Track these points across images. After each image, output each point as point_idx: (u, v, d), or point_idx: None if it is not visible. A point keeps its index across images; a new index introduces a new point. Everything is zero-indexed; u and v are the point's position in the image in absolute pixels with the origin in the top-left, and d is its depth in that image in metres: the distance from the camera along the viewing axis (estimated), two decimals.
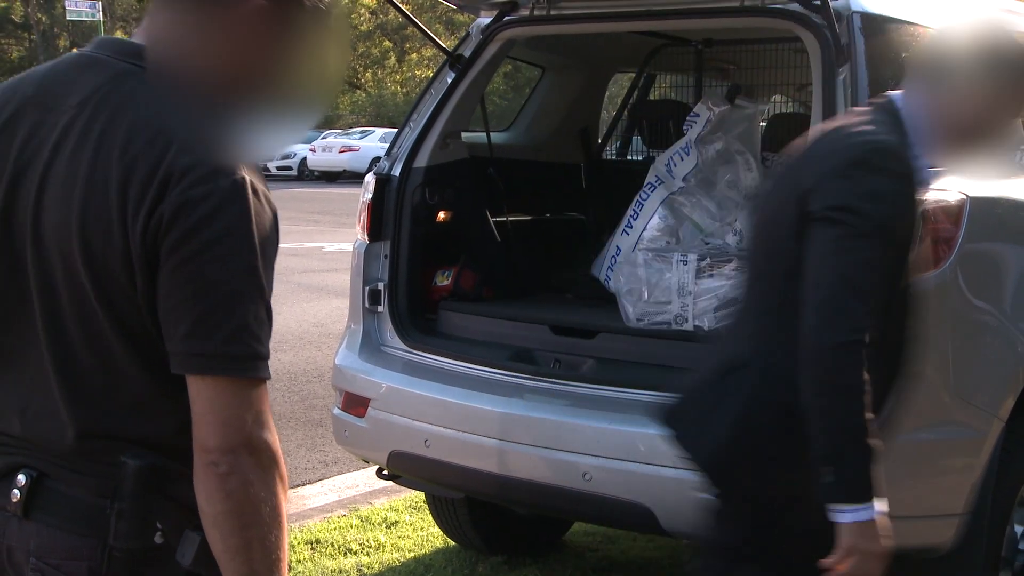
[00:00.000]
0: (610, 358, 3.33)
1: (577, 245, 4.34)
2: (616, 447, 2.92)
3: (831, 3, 2.83)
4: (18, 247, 1.43)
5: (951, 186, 2.87)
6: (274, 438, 1.41)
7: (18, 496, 1.43)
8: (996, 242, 3.06)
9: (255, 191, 1.38)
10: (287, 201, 23.89)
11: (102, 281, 1.38)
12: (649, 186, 3.84)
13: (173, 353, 1.37)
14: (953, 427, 2.89)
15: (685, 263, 3.18)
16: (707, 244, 3.55)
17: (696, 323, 3.17)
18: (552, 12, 3.46)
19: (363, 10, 44.73)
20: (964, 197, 2.86)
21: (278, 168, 32.21)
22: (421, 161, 3.63)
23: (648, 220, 3.59)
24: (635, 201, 3.66)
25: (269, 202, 1.42)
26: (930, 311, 2.80)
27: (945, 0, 3.37)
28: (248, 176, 1.38)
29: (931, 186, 2.27)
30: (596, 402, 3.06)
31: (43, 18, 60.33)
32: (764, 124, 4.38)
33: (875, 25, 2.99)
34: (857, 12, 2.96)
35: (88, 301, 1.40)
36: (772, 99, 5.00)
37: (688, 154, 3.68)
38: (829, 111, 2.85)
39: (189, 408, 1.37)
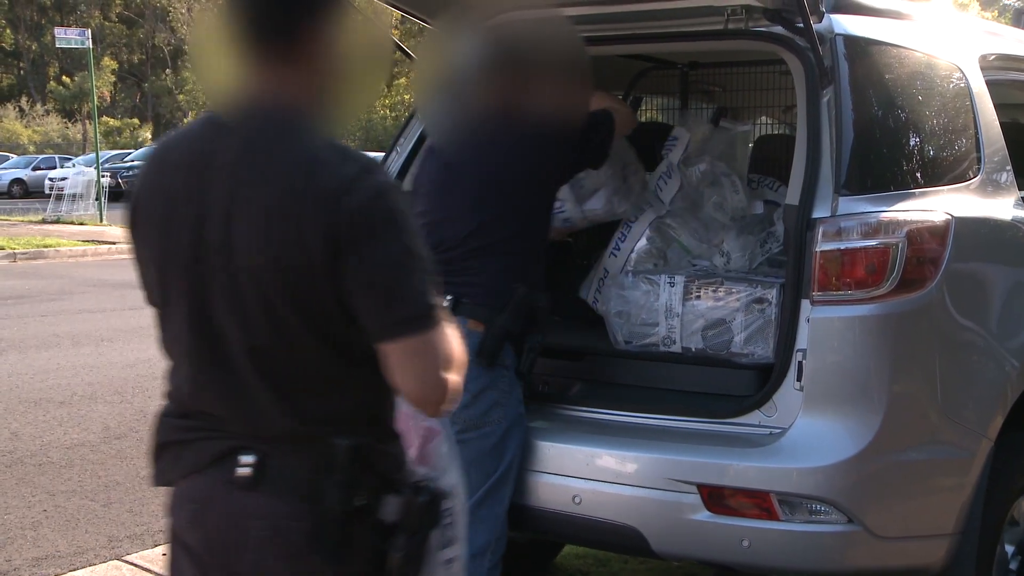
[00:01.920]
0: (598, 380, 3.33)
1: (565, 267, 4.34)
2: (606, 470, 2.91)
3: (814, 26, 2.85)
4: (207, 271, 1.76)
5: (937, 206, 2.89)
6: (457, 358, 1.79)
7: (247, 472, 1.77)
8: (982, 261, 3.08)
9: (390, 184, 1.79)
10: None
11: (293, 289, 1.71)
12: (637, 208, 3.85)
13: (372, 329, 1.72)
14: (942, 447, 2.89)
15: (672, 285, 3.18)
16: (694, 266, 3.56)
17: (684, 345, 3.17)
18: None
19: None
20: (949, 217, 2.87)
21: None
22: (408, 185, 3.64)
23: (636, 242, 3.59)
24: (623, 223, 3.67)
25: (398, 187, 1.84)
26: (917, 331, 2.82)
27: (928, 23, 3.40)
28: (381, 175, 1.76)
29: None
30: (585, 425, 3.06)
31: (33, 46, 60.33)
32: (751, 145, 4.40)
33: (858, 48, 3.01)
34: (840, 35, 2.98)
35: (280, 309, 1.73)
36: (758, 120, 5.02)
37: (671, 177, 3.69)
38: (814, 132, 2.87)
39: (374, 390, 1.79)
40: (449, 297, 2.89)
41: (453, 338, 1.77)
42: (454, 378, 1.76)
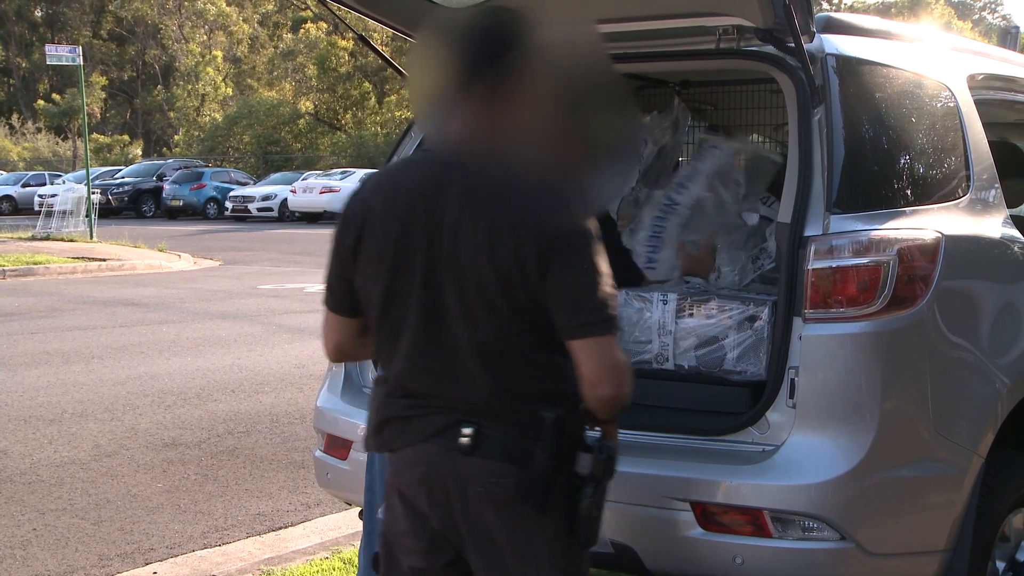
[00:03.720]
0: None
1: None
2: None
3: (805, 46, 2.87)
4: (440, 280, 2.18)
5: (927, 225, 2.91)
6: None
7: (467, 440, 2.19)
8: (971, 279, 3.10)
9: (586, 212, 2.19)
10: (268, 243, 23.86)
11: (513, 296, 2.13)
12: (629, 228, 3.87)
13: (562, 327, 2.14)
14: (933, 463, 2.90)
15: (665, 302, 3.20)
16: (687, 283, 3.57)
17: (677, 362, 3.18)
18: None
19: (342, 53, 44.98)
20: (939, 235, 2.89)
21: (258, 210, 32.19)
22: None
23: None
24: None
25: (591, 215, 2.20)
26: (908, 348, 2.83)
27: (916, 43, 3.43)
28: (578, 204, 2.19)
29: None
30: None
31: (23, 63, 60.31)
32: (743, 162, 4.42)
33: (849, 67, 3.04)
34: (831, 54, 3.00)
35: (503, 311, 2.15)
36: (750, 139, 5.05)
37: (694, 183, 3.72)
38: (805, 151, 2.89)
39: (566, 372, 2.16)
40: None
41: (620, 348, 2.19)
42: (626, 377, 2.16)
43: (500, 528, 2.22)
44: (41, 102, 55.61)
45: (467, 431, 2.20)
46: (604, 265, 2.16)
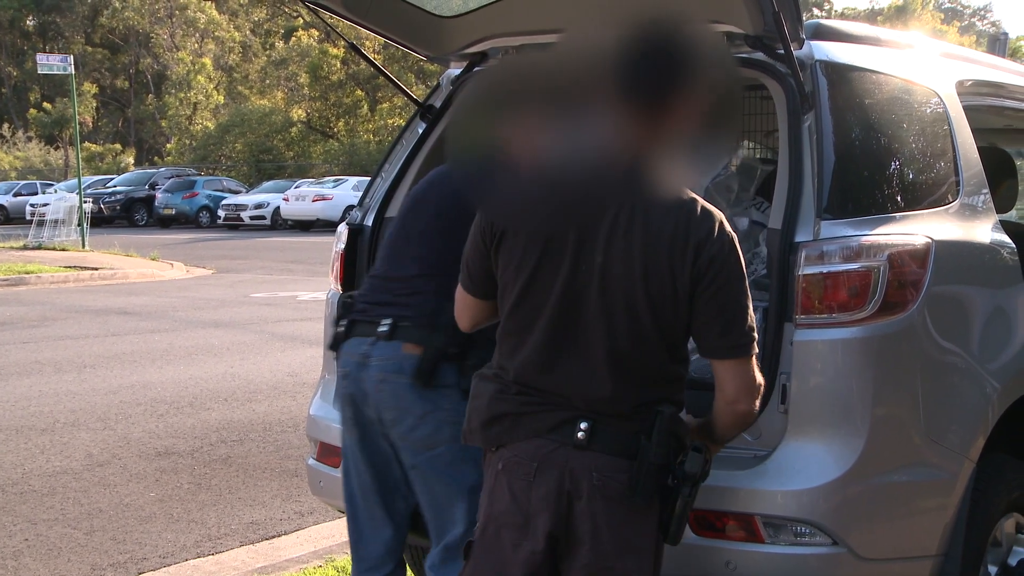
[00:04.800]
0: None
1: None
2: None
3: (795, 52, 2.88)
4: (582, 285, 2.32)
5: (917, 230, 2.92)
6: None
7: (583, 436, 2.32)
8: (962, 284, 3.11)
9: (735, 237, 2.33)
10: (261, 251, 23.84)
11: (658, 311, 2.29)
12: None
13: (709, 347, 2.34)
14: (925, 468, 2.91)
15: None
16: None
17: None
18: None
19: (334, 61, 44.98)
20: (929, 241, 2.90)
21: (251, 218, 32.16)
22: (393, 211, 3.65)
23: None
24: None
25: (737, 239, 2.34)
26: (899, 353, 2.84)
27: (905, 50, 3.44)
28: (729, 229, 2.32)
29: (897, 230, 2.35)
30: None
31: (15, 72, 60.21)
32: (735, 168, 4.43)
33: (838, 73, 3.05)
34: (820, 61, 3.01)
35: (644, 324, 2.29)
36: (742, 145, 5.06)
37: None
38: (795, 157, 2.90)
39: (680, 381, 2.39)
40: (387, 321, 2.94)
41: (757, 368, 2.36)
42: (761, 395, 2.37)
43: (608, 521, 2.33)
44: (33, 111, 55.51)
45: (584, 426, 2.33)
46: (747, 284, 2.31)
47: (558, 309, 2.33)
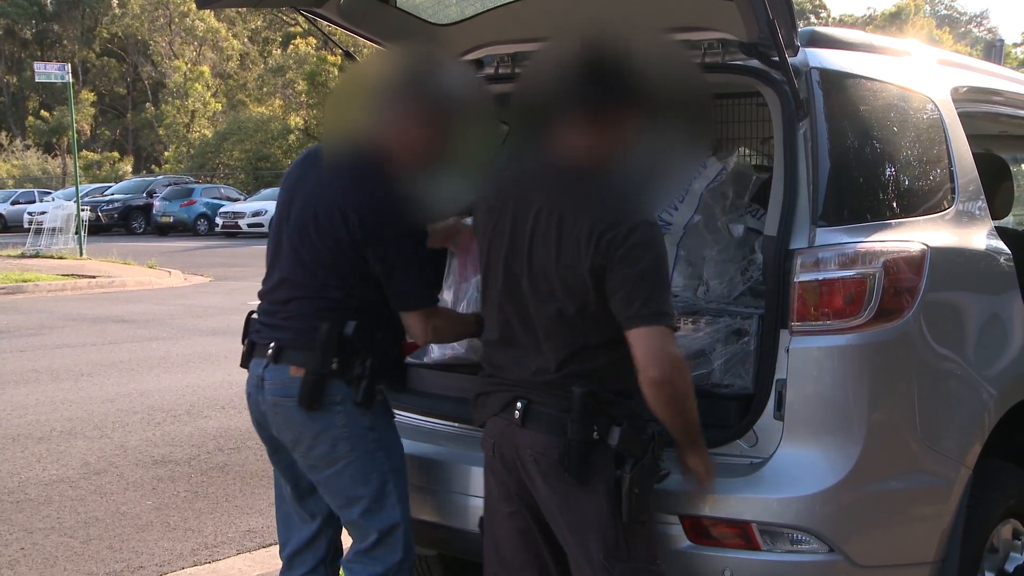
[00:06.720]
0: None
1: None
2: None
3: (790, 60, 2.88)
4: (515, 274, 2.61)
5: (912, 237, 2.92)
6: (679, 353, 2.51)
7: (518, 415, 2.56)
8: (957, 291, 3.11)
9: (647, 222, 2.50)
10: (258, 259, 23.81)
11: (569, 285, 2.51)
12: None
13: (621, 320, 2.47)
14: (921, 475, 2.91)
15: None
16: (675, 297, 3.57)
17: None
18: (517, 70, 3.51)
19: (332, 68, 45.03)
20: (925, 247, 2.90)
21: (249, 226, 32.15)
22: None
23: None
24: None
25: (653, 223, 2.53)
26: (895, 360, 2.84)
27: (901, 57, 3.45)
28: (641, 215, 2.50)
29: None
30: None
31: (13, 80, 60.24)
32: (730, 176, 4.43)
33: (833, 80, 3.05)
34: (815, 68, 3.01)
35: (558, 298, 2.52)
36: (737, 152, 5.07)
37: (682, 202, 3.71)
38: (791, 164, 2.90)
39: (616, 359, 2.50)
40: (272, 344, 2.95)
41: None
42: (673, 364, 2.46)
43: (552, 497, 2.54)
44: (31, 119, 55.53)
45: (520, 405, 2.56)
46: (660, 267, 2.46)
47: (504, 289, 2.63)
